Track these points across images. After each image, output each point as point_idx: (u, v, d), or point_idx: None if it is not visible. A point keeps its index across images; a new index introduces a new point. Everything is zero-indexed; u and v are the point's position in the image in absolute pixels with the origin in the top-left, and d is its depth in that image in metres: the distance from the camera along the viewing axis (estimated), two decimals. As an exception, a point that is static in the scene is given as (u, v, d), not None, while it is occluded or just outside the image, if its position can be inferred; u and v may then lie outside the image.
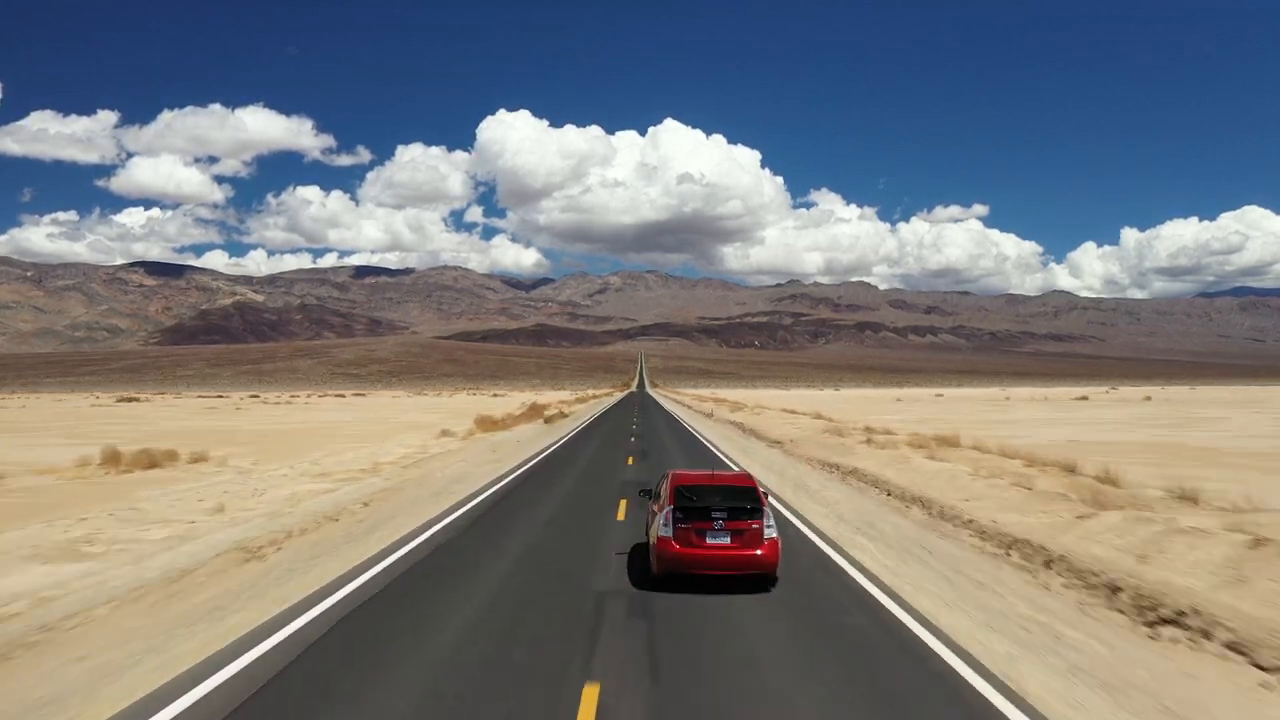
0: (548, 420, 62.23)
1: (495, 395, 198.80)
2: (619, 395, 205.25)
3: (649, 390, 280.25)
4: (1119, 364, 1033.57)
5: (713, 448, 39.59)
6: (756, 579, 12.50)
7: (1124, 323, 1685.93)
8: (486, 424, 59.17)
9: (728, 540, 12.32)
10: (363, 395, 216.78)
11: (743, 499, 12.83)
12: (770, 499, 16.25)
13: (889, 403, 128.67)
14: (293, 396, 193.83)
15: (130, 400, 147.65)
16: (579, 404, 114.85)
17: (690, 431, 51.47)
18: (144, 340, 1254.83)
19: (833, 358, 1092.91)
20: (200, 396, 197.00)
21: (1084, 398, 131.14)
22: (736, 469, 26.29)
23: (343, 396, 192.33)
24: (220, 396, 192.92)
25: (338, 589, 12.46)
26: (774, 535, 12.60)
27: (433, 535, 16.96)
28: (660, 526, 12.64)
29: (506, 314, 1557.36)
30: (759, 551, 12.31)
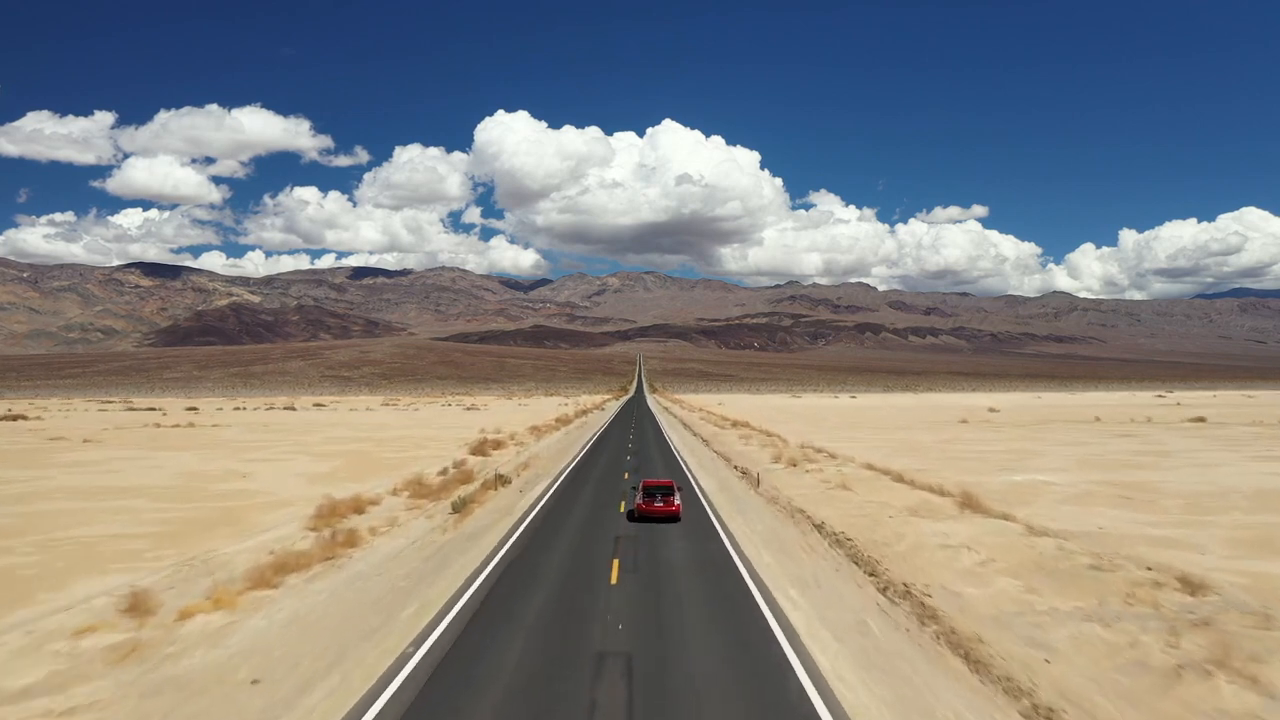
0: (460, 509, 32.32)
1: (470, 408, 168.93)
2: (613, 407, 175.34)
3: (649, 399, 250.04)
4: (1123, 366, 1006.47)
5: None
6: (673, 519, 28.86)
7: (1124, 324, 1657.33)
8: (337, 516, 29.70)
9: (661, 503, 28.85)
10: (322, 405, 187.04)
11: (668, 488, 30.03)
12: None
13: (952, 425, 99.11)
14: (237, 408, 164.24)
15: (13, 419, 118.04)
16: (553, 431, 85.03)
17: (747, 586, 21.53)
18: (138, 341, 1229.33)
19: (834, 359, 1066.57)
20: (131, 409, 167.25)
21: (1201, 419, 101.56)
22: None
23: (291, 410, 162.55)
24: (153, 409, 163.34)
25: None
26: (679, 502, 29.35)
27: None
28: (636, 498, 30.01)
29: (504, 315, 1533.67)
30: (672, 509, 28.77)
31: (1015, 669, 14.53)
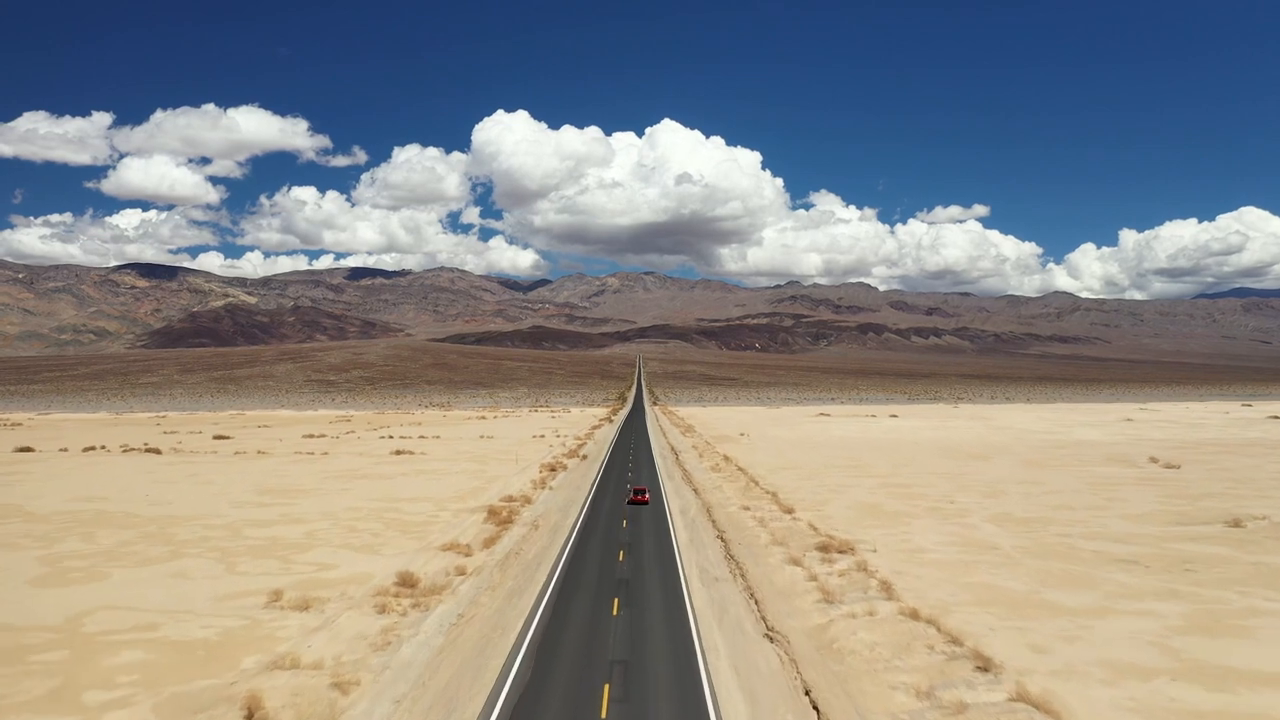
0: None
1: (399, 452, 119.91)
2: (603, 445, 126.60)
3: (650, 423, 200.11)
4: (1133, 367, 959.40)
5: None
6: (647, 505, 64.55)
7: (1127, 324, 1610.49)
8: None
9: (643, 496, 65.87)
10: (223, 439, 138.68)
11: (644, 490, 67.21)
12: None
13: (1232, 543, 50.97)
14: (89, 448, 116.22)
15: None
16: (451, 580, 36.21)
17: None
18: (131, 343, 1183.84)
19: (837, 361, 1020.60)
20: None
21: None
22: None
23: (156, 453, 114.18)
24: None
25: None
26: (648, 495, 66.54)
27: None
28: (629, 495, 67.48)
29: (503, 315, 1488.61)
30: (646, 499, 65.81)
31: None
